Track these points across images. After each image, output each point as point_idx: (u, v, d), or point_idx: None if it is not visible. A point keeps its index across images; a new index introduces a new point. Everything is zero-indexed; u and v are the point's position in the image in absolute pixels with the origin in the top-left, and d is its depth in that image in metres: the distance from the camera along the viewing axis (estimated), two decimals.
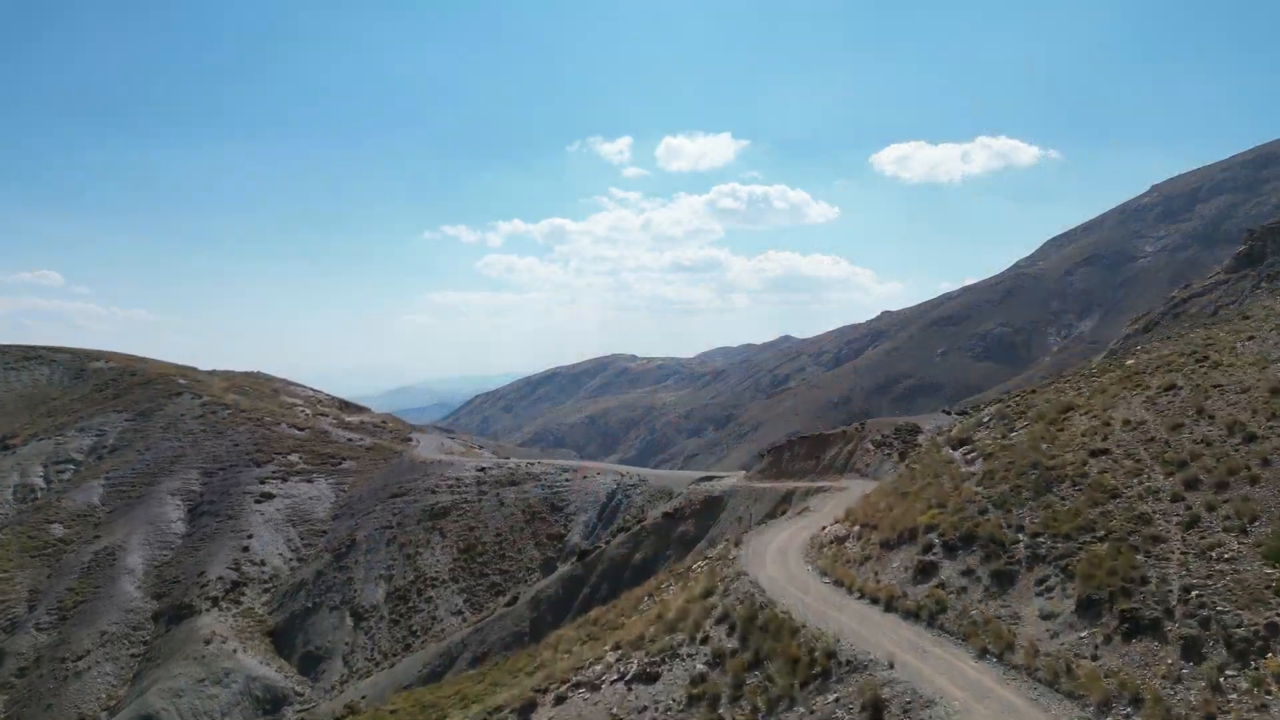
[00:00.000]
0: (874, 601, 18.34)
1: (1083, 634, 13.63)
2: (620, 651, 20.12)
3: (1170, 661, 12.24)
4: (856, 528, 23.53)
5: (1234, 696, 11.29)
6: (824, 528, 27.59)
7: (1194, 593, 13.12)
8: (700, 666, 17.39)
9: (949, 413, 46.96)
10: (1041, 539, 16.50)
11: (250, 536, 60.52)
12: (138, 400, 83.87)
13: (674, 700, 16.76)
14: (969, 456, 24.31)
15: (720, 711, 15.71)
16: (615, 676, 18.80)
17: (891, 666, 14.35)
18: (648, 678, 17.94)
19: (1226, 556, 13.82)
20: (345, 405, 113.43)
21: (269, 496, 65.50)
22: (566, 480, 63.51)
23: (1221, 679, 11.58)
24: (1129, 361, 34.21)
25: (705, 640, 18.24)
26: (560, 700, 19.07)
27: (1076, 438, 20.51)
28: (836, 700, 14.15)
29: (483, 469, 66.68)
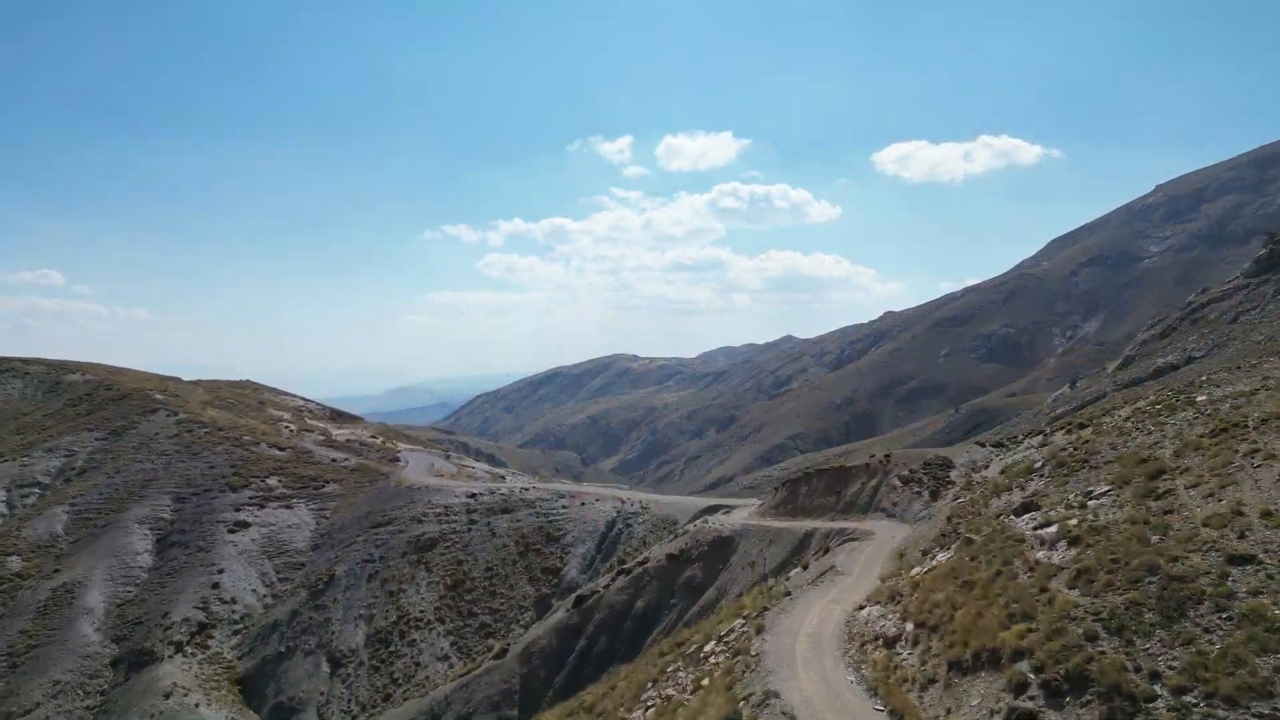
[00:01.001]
0: None
1: None
2: None
3: None
4: (910, 625, 19.22)
5: None
6: (861, 607, 23.32)
7: None
8: None
9: (983, 444, 42.66)
10: (1192, 699, 12.20)
11: (221, 571, 56.10)
12: (110, 417, 79.40)
13: None
14: (1044, 534, 19.94)
15: None
16: None
17: None
18: None
19: None
20: (337, 415, 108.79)
21: (244, 525, 61.08)
22: (563, 508, 59.16)
23: None
24: (1200, 398, 29.89)
25: None
26: None
27: (1199, 529, 16.18)
28: None
29: (473, 495, 62.28)
